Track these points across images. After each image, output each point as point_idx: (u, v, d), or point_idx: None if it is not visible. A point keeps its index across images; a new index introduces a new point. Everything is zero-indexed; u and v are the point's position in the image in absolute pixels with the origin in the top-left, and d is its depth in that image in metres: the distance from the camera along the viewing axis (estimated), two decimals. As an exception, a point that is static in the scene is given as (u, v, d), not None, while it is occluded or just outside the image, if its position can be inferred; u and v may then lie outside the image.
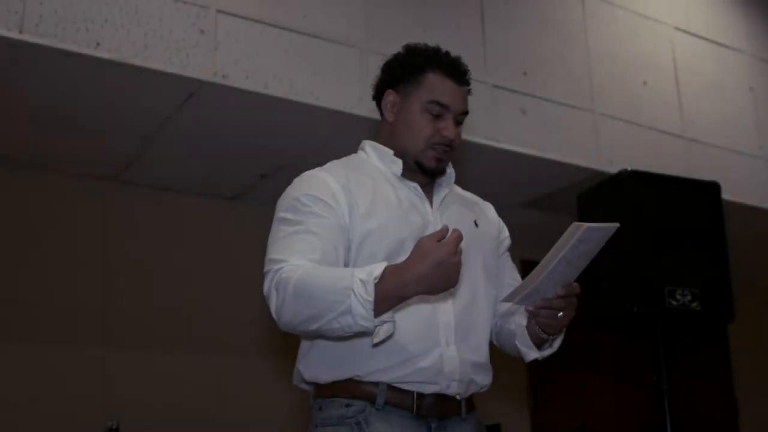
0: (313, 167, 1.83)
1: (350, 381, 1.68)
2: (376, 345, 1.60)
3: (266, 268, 1.65)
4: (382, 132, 1.90)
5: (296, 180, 1.80)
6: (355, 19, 3.55)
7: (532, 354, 1.80)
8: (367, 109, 3.40)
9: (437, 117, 1.80)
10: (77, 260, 3.91)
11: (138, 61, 3.00)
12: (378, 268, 1.49)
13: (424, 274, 1.47)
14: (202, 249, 4.22)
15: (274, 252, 1.66)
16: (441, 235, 1.49)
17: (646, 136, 4.40)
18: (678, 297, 3.00)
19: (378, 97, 1.90)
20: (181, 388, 3.93)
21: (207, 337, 4.08)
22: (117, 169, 3.98)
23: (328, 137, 3.61)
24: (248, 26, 3.27)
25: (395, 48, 1.91)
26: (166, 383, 3.91)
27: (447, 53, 1.86)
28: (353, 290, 1.47)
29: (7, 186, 3.84)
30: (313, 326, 1.55)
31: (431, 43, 1.90)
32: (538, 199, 4.47)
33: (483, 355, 1.79)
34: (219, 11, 3.22)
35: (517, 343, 1.81)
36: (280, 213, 1.73)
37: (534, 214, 4.61)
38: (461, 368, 1.71)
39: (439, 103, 1.80)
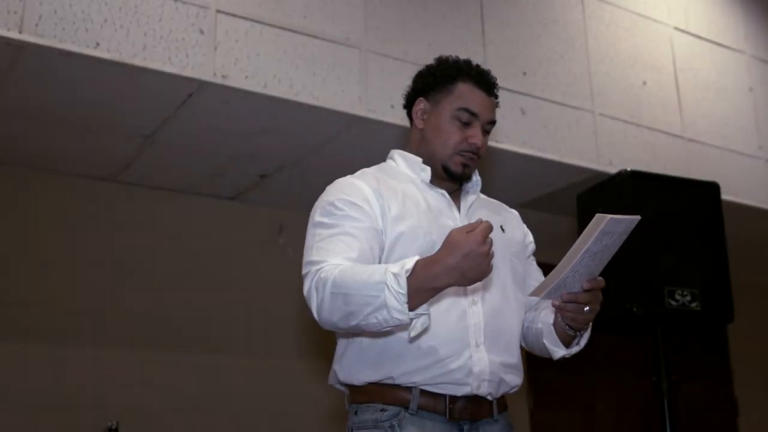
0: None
1: (384, 385, 1.72)
2: (413, 339, 1.66)
3: (305, 270, 1.70)
4: (411, 139, 1.96)
5: (329, 187, 1.86)
6: (355, 19, 3.55)
7: (559, 351, 1.85)
8: (367, 109, 3.40)
9: (466, 125, 1.87)
10: (77, 260, 3.91)
11: (138, 61, 3.00)
12: (409, 262, 1.54)
13: (454, 264, 1.50)
14: (202, 249, 4.22)
15: (312, 255, 1.71)
16: (471, 227, 1.53)
17: (646, 137, 4.40)
18: (678, 297, 3.00)
19: (409, 106, 1.97)
20: (177, 388, 3.93)
21: (205, 337, 4.08)
22: (117, 169, 3.98)
23: (328, 137, 3.59)
24: (248, 26, 3.28)
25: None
26: (164, 383, 3.91)
27: (478, 65, 1.93)
28: (387, 284, 1.52)
29: (7, 186, 3.84)
30: (353, 322, 1.59)
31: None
32: (537, 199, 4.47)
33: (514, 355, 1.84)
34: (219, 11, 3.22)
35: (544, 341, 1.86)
36: (316, 218, 1.78)
37: (533, 215, 4.60)
38: (491, 368, 1.75)
39: (468, 111, 1.86)
